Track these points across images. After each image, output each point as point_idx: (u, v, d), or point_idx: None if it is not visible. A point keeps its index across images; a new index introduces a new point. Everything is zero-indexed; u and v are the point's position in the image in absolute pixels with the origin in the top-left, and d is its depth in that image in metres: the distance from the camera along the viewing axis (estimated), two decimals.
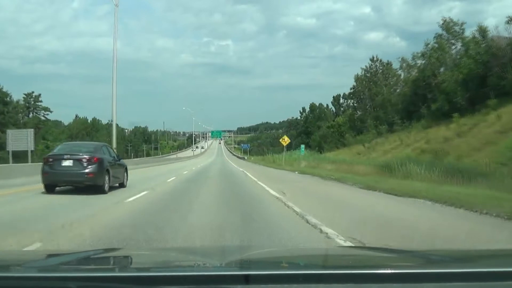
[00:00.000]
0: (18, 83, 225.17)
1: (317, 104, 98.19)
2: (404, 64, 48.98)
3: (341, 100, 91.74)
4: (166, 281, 1.51)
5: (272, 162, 48.84)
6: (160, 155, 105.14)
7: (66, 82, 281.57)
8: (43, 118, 76.70)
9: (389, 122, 45.03)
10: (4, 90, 60.86)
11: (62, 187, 12.42)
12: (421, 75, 41.05)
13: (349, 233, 5.94)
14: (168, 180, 18.33)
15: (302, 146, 44.50)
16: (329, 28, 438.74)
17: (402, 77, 52.05)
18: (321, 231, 6.27)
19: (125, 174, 14.65)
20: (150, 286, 1.48)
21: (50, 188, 12.09)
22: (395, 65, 54.42)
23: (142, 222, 7.34)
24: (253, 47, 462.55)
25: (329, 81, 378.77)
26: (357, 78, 63.36)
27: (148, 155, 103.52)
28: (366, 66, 62.35)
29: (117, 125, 34.46)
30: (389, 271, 1.64)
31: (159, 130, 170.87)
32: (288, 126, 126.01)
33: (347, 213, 8.59)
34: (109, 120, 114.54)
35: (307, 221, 7.16)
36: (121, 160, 15.07)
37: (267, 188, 13.95)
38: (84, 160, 12.01)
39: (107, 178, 12.32)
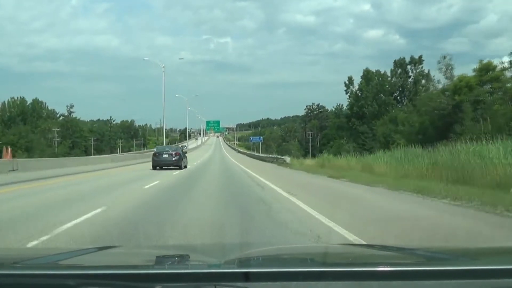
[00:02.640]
0: (16, 81, 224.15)
1: (374, 71, 68.88)
2: None
3: (408, 67, 64.34)
4: (165, 279, 1.51)
5: None
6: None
7: (66, 79, 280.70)
8: None
9: None
10: None
11: (158, 168, 25.60)
12: None
13: None
14: None
15: None
16: (329, 25, 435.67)
17: None
18: None
19: (186, 161, 28.34)
20: (149, 284, 1.48)
21: (155, 168, 25.26)
22: None
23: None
24: (253, 44, 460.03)
25: (328, 78, 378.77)
26: None
27: (113, 152, 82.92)
28: None
29: (109, 120, 45.37)
30: (389, 269, 1.64)
31: (149, 125, 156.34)
32: (307, 115, 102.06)
33: None
34: (67, 106, 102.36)
35: None
36: (186, 154, 28.96)
37: None
38: (173, 154, 26.02)
39: (182, 162, 26.15)
